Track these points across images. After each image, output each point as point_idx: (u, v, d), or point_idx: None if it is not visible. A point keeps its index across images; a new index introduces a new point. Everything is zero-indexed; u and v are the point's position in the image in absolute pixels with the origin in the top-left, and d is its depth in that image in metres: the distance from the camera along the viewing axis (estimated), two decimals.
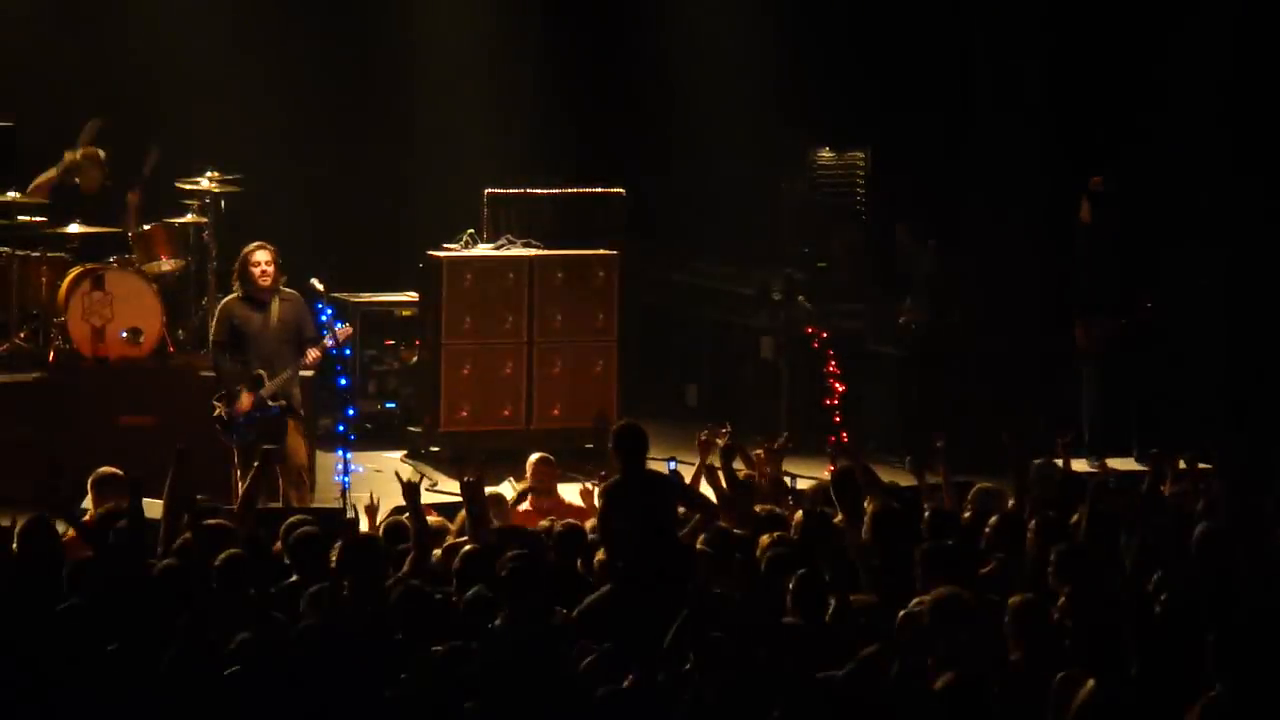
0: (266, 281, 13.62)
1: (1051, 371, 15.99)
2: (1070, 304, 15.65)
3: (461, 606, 9.08)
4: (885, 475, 11.99)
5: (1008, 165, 17.23)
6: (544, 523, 11.15)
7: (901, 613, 8.89)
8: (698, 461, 11.68)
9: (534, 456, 12.71)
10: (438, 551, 10.30)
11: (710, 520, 10.63)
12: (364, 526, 11.30)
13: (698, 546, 10.30)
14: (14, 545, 9.84)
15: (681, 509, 10.85)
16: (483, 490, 10.74)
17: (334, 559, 9.58)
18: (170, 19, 17.09)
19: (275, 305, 13.66)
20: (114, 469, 11.44)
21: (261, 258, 13.63)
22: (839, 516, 10.62)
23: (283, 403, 13.60)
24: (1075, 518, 10.57)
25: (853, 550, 10.17)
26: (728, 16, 17.96)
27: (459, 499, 11.23)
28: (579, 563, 10.53)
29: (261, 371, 13.55)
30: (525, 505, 12.54)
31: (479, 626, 8.81)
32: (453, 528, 11.00)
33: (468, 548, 9.93)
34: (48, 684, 8.22)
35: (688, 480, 11.51)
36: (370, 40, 18.00)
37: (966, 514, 11.05)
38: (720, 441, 11.60)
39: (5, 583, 9.47)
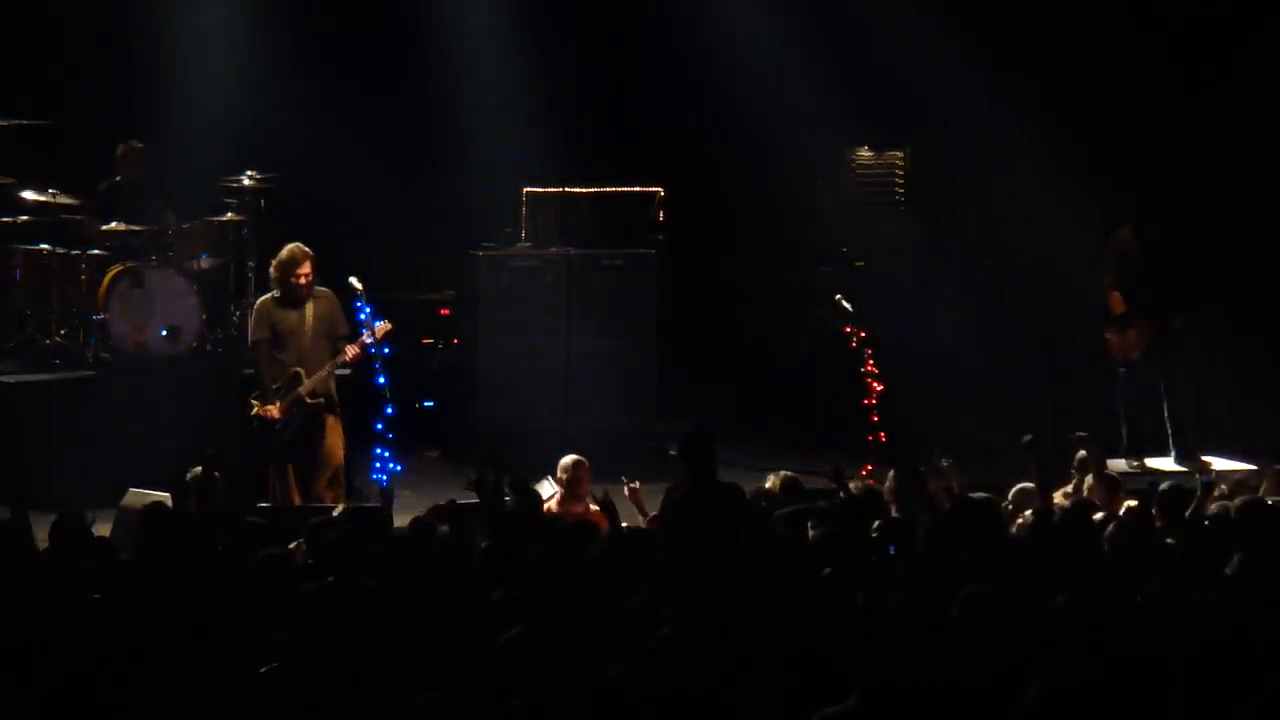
0: (307, 287, 13.63)
1: (1088, 372, 15.94)
2: (1105, 307, 15.59)
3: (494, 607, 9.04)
4: None
5: (1045, 165, 17.18)
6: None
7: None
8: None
9: (570, 457, 12.60)
10: None
11: None
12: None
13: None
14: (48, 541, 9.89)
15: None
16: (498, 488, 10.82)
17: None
18: (209, 19, 17.14)
19: (310, 304, 13.68)
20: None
21: (305, 269, 13.60)
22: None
23: (320, 400, 13.63)
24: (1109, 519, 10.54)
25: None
26: (767, 16, 17.92)
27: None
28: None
29: (299, 369, 13.58)
30: (552, 504, 12.44)
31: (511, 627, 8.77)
32: None
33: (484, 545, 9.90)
34: (81, 683, 8.23)
35: None
36: (410, 36, 17.99)
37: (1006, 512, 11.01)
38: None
39: (36, 579, 9.49)
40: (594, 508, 12.35)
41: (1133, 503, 10.91)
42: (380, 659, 8.28)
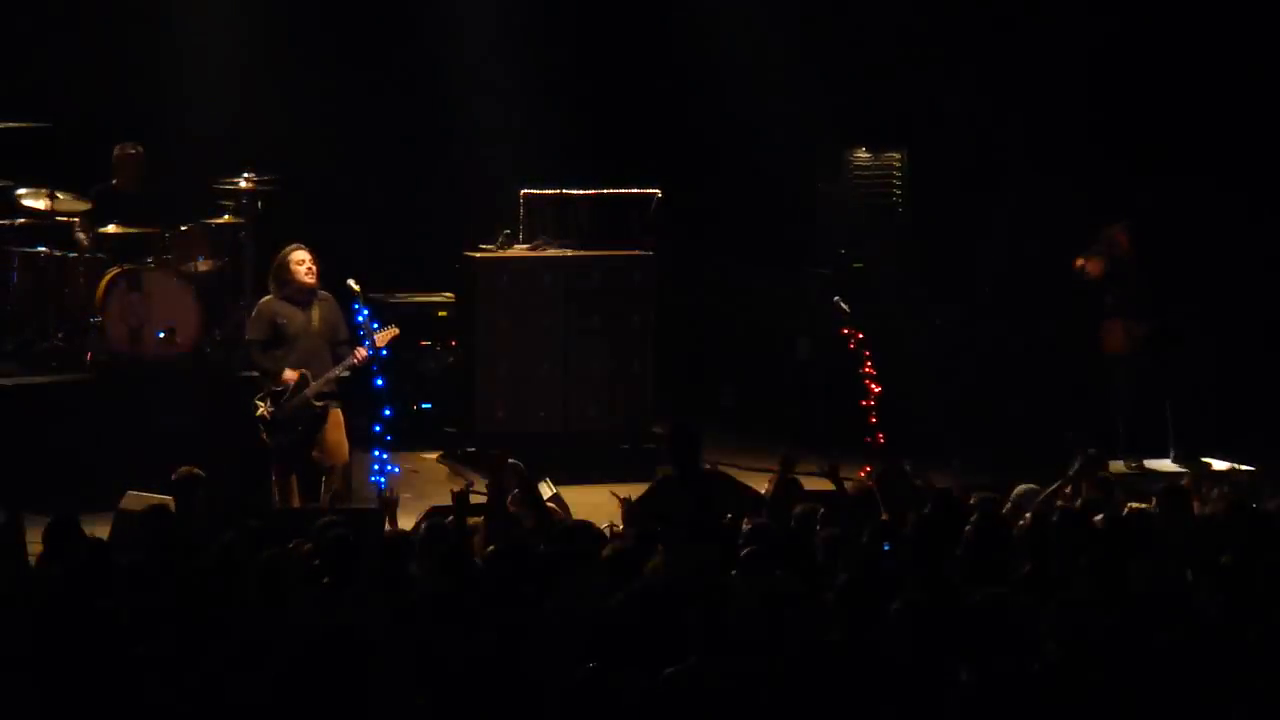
0: (311, 279, 13.63)
1: (1082, 372, 15.95)
2: (1100, 305, 15.59)
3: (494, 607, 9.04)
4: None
5: (1043, 166, 17.19)
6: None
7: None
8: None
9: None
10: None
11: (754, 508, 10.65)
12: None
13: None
14: (42, 544, 9.88)
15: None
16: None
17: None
18: (207, 18, 17.12)
19: (316, 307, 13.68)
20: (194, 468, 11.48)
21: (304, 256, 13.64)
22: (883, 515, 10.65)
23: (323, 404, 13.61)
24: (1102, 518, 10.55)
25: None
26: (765, 17, 17.92)
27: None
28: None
29: (305, 372, 13.56)
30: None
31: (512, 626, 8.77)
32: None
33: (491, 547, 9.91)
34: (81, 685, 8.22)
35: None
36: (409, 37, 17.98)
37: (1006, 513, 11.01)
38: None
39: (32, 583, 9.48)
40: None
41: (1135, 504, 10.91)
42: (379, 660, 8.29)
